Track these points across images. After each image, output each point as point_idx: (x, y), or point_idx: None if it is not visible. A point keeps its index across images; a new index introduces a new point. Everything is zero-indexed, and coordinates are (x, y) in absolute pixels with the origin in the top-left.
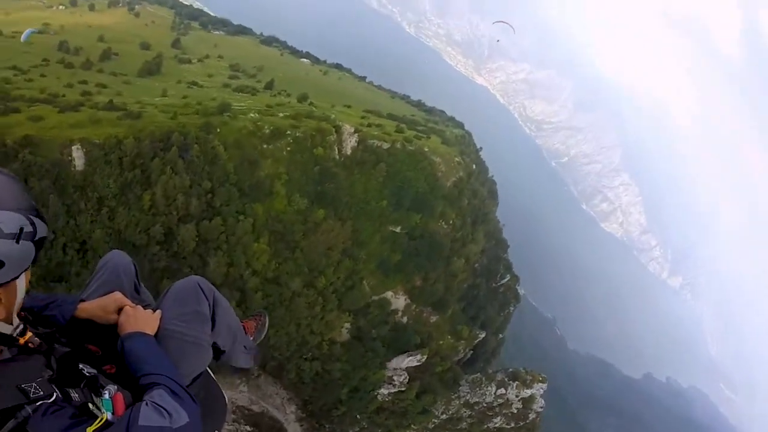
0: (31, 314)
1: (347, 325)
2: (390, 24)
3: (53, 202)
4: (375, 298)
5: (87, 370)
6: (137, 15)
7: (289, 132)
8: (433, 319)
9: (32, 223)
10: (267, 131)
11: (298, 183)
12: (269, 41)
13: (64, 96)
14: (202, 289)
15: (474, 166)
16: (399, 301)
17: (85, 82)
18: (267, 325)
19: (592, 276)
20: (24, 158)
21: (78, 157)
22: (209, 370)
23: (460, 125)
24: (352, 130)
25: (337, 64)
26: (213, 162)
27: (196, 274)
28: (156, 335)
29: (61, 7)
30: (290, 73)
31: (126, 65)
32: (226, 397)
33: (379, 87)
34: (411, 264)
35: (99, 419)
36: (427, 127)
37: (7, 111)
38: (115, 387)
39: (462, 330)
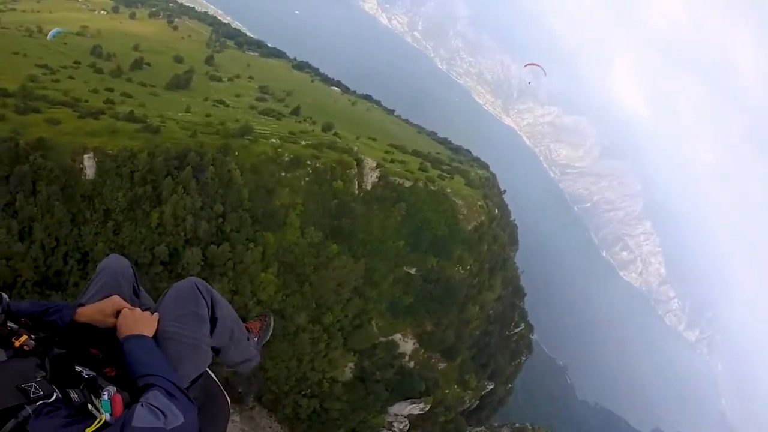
0: (31, 320)
1: (351, 364)
2: (423, 59)
3: (59, 209)
4: (382, 339)
5: (86, 372)
6: (175, 28)
7: (309, 162)
8: (441, 366)
9: None
10: (287, 159)
11: (314, 215)
12: (302, 66)
13: (86, 101)
14: (200, 291)
15: (496, 210)
16: (407, 344)
17: (111, 90)
18: (272, 325)
19: (607, 324)
20: (34, 161)
21: (89, 166)
22: (210, 372)
23: (485, 166)
24: (374, 164)
25: (366, 95)
26: (228, 185)
27: None
28: (154, 337)
29: (103, 12)
30: (319, 100)
31: (156, 76)
32: (228, 399)
33: (407, 121)
34: (423, 308)
35: (98, 420)
36: (451, 166)
37: (26, 110)
38: (114, 388)
39: (470, 380)
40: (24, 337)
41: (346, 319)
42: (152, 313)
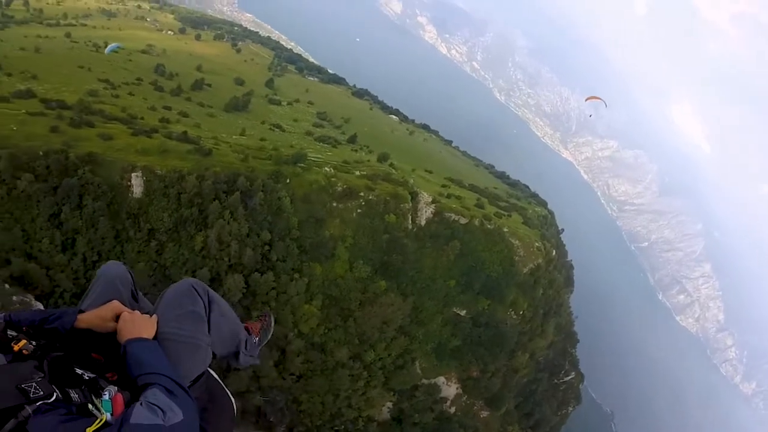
0: (32, 328)
1: (389, 404)
2: (481, 90)
3: (103, 225)
4: (425, 381)
5: (87, 374)
6: (239, 51)
7: (362, 193)
8: (484, 414)
9: None
10: (339, 189)
11: (364, 249)
12: (361, 94)
13: (142, 119)
14: (196, 291)
15: (554, 252)
16: (450, 389)
17: (168, 108)
18: (272, 325)
19: (659, 371)
20: (82, 175)
21: (137, 184)
22: (211, 371)
23: (543, 203)
24: (430, 199)
25: (424, 124)
26: (277, 213)
27: None
28: (154, 339)
29: (170, 32)
30: (376, 128)
31: (215, 97)
32: (232, 399)
33: (464, 153)
34: (470, 352)
35: (99, 420)
36: (509, 203)
37: (80, 123)
38: (115, 388)
39: (513, 431)
40: (23, 342)
41: (388, 357)
42: (150, 315)
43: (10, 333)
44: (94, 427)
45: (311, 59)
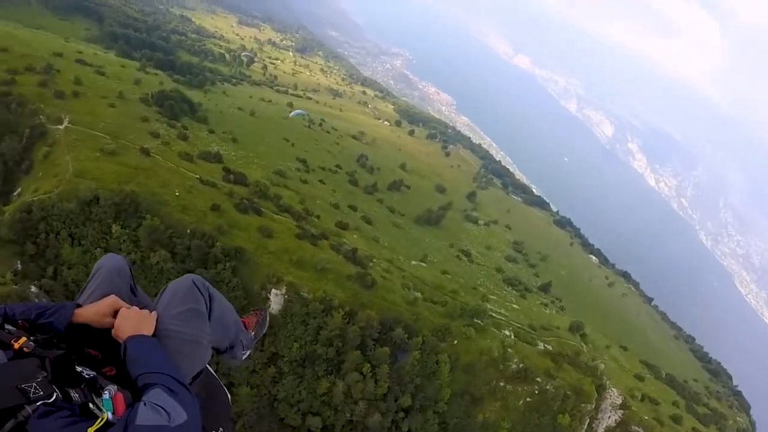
0: (28, 322)
1: None
2: (687, 230)
3: None
4: None
5: (86, 372)
6: (448, 154)
7: (539, 378)
8: None
9: None
10: (513, 367)
11: None
12: (563, 223)
13: (317, 217)
14: (198, 287)
15: None
16: None
17: (354, 208)
18: (267, 319)
19: None
20: (221, 271)
21: (276, 301)
22: (210, 368)
23: (745, 407)
24: (618, 401)
25: (624, 272)
26: (428, 378)
27: None
28: (154, 335)
29: (386, 122)
30: (573, 273)
31: (410, 203)
32: (229, 396)
33: (664, 316)
34: None
35: (100, 419)
36: (708, 407)
37: (247, 209)
38: (115, 387)
39: None
40: (23, 339)
41: None
42: (150, 312)
43: (8, 328)
44: (95, 426)
45: (518, 173)
